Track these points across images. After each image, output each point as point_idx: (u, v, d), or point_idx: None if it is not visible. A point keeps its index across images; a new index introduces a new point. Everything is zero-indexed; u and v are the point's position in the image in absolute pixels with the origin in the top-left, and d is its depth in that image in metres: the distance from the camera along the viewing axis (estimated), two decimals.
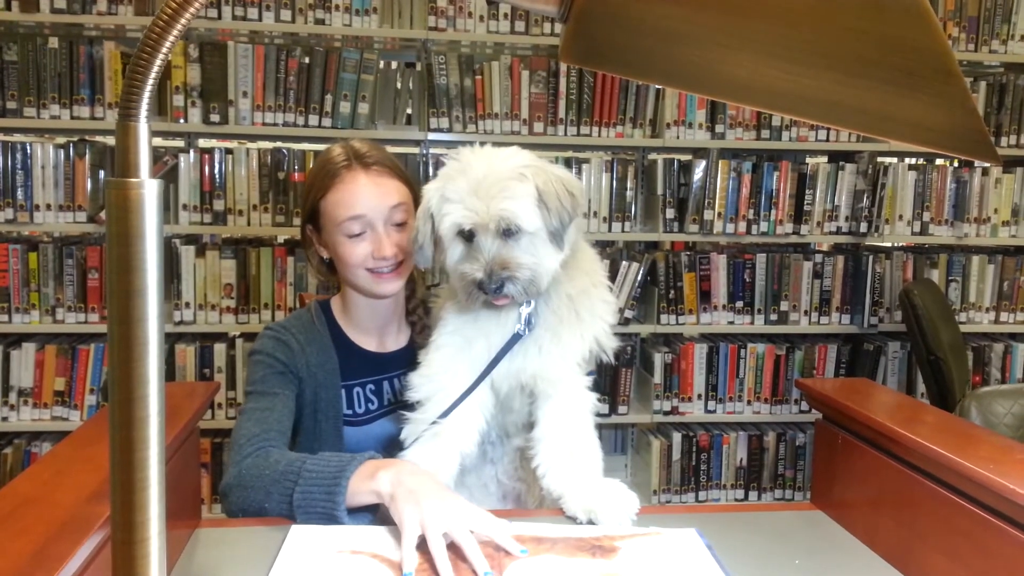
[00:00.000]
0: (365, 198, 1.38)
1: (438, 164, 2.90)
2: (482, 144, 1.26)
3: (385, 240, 1.39)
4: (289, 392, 1.40)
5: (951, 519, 1.05)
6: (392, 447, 1.42)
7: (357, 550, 1.09)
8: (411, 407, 1.30)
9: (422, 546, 1.07)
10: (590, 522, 1.19)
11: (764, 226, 3.03)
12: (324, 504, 1.15)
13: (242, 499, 1.23)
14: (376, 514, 1.19)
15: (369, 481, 1.14)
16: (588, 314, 1.29)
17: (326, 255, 1.47)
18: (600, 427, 1.32)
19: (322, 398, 1.43)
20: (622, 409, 3.03)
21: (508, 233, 1.19)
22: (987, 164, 3.16)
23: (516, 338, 1.24)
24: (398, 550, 1.08)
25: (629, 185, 2.99)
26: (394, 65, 3.08)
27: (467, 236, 1.21)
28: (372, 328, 1.50)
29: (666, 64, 0.50)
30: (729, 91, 0.51)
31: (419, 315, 1.53)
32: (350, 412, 1.45)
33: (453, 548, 1.06)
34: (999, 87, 3.15)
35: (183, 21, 0.50)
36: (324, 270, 1.51)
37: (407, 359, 1.41)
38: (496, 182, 1.18)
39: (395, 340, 1.52)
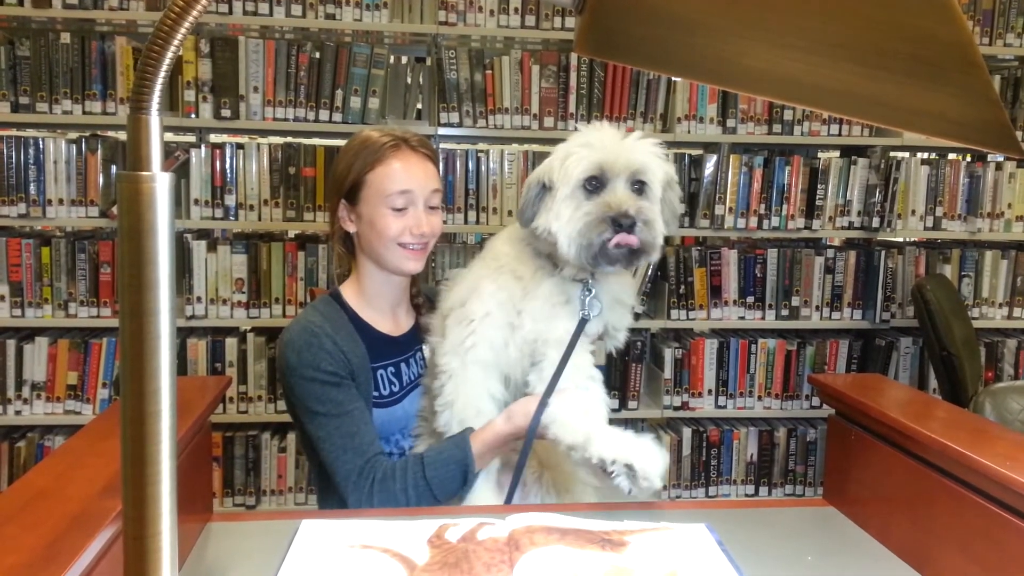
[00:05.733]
0: (414, 175, 1.45)
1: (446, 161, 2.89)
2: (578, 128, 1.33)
3: (424, 218, 1.46)
4: (359, 402, 1.40)
5: (965, 516, 1.05)
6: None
7: (368, 544, 1.09)
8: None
9: (434, 540, 1.07)
10: (623, 467, 1.17)
11: (775, 221, 3.01)
12: (458, 457, 1.30)
13: (382, 502, 1.33)
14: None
15: (485, 432, 1.30)
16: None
17: (353, 229, 1.50)
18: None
19: (360, 383, 1.44)
20: (632, 404, 3.03)
21: (638, 186, 1.24)
22: (1003, 157, 3.13)
23: (583, 323, 1.29)
24: (408, 544, 1.08)
25: None
26: (404, 60, 3.07)
27: (592, 187, 1.24)
28: (387, 307, 1.53)
29: (682, 55, 0.50)
30: (746, 82, 0.51)
31: (420, 300, 1.59)
32: (377, 394, 1.47)
33: (463, 553, 1.06)
34: (1014, 81, 3.12)
35: (194, 13, 0.50)
36: (341, 247, 1.54)
37: (416, 340, 1.54)
38: (633, 142, 1.25)
39: (405, 320, 1.57)
